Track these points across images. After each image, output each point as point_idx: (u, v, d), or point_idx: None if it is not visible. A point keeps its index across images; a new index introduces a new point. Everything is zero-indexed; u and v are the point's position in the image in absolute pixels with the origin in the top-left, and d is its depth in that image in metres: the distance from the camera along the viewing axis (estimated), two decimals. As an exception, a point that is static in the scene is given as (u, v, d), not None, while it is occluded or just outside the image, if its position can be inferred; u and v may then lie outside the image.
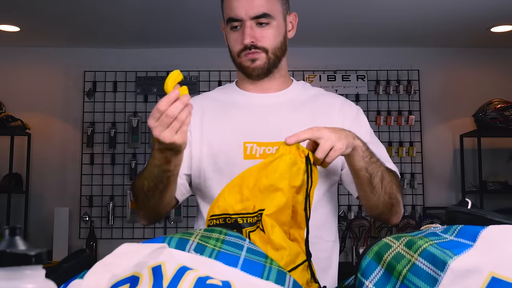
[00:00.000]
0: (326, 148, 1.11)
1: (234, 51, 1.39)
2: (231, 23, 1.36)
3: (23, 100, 4.29)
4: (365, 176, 1.24)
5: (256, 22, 1.34)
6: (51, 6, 3.47)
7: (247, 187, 1.04)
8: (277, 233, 0.99)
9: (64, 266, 0.69)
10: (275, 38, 1.37)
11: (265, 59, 1.37)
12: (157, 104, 1.07)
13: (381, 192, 1.26)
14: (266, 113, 1.40)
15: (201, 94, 1.57)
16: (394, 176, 1.32)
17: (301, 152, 1.07)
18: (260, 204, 1.03)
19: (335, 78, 4.35)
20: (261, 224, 1.00)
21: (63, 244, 3.95)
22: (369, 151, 1.23)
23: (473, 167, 4.27)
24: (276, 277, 0.72)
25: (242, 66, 1.40)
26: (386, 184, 1.27)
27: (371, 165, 1.22)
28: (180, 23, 3.81)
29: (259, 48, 1.35)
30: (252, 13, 1.33)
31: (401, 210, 1.36)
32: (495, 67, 4.44)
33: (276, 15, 1.36)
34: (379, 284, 0.67)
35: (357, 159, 1.20)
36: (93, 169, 4.26)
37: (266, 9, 1.34)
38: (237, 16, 1.34)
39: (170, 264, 0.64)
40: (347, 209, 4.20)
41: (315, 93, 1.50)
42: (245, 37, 1.33)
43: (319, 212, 1.37)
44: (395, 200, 1.31)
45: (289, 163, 1.05)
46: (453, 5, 3.47)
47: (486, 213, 0.72)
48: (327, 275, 1.38)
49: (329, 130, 1.13)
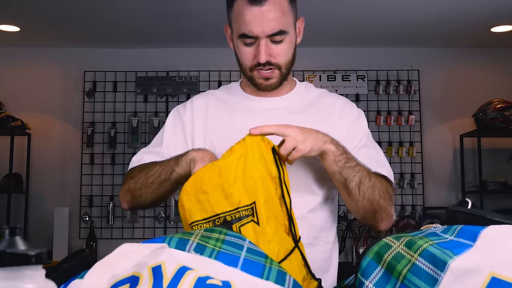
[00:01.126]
0: (289, 147, 1.14)
1: (246, 65, 1.36)
2: (244, 38, 1.32)
3: (23, 100, 4.30)
4: (340, 180, 1.24)
5: (271, 40, 1.31)
6: (51, 6, 3.47)
7: (228, 184, 1.04)
8: (272, 225, 1.00)
9: (64, 266, 0.69)
10: (288, 53, 1.35)
11: (278, 75, 1.36)
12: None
13: (358, 197, 1.25)
14: (269, 116, 1.39)
15: (207, 92, 1.56)
16: (380, 182, 1.29)
17: (266, 144, 1.11)
18: (247, 198, 1.03)
19: (335, 78, 4.35)
20: (256, 217, 1.01)
21: (63, 244, 3.95)
22: (344, 155, 1.22)
23: (473, 167, 4.27)
24: (276, 277, 0.72)
25: (254, 82, 1.38)
26: (365, 189, 1.24)
27: (346, 169, 1.22)
28: (180, 23, 3.81)
29: (273, 64, 1.33)
30: (268, 30, 1.28)
31: (388, 217, 1.30)
32: (495, 67, 4.44)
33: (289, 29, 1.33)
34: (379, 284, 0.67)
35: (329, 163, 1.21)
36: (93, 169, 4.26)
37: (281, 25, 1.30)
38: (252, 33, 1.29)
39: (170, 264, 0.64)
40: (347, 209, 4.19)
41: (317, 95, 1.49)
42: (261, 55, 1.30)
43: (319, 215, 1.37)
44: (377, 207, 1.27)
45: (259, 154, 1.08)
46: (453, 5, 3.47)
47: (486, 213, 0.72)
48: (326, 276, 1.37)
49: (297, 130, 1.15)
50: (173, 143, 1.43)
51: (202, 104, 1.46)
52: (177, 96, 4.32)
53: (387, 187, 1.31)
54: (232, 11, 1.34)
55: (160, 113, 4.26)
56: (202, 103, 1.47)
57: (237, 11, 1.31)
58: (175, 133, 1.45)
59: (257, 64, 1.33)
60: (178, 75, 4.35)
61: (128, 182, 1.36)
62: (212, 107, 1.45)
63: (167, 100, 4.33)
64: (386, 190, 1.29)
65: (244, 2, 1.29)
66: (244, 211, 1.03)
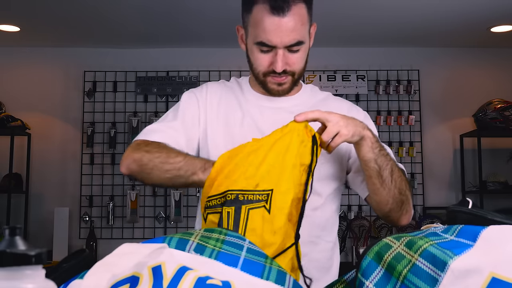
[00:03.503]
0: (332, 131, 1.13)
1: (260, 70, 1.36)
2: (261, 46, 1.31)
3: (23, 100, 4.30)
4: (375, 168, 1.23)
5: (288, 49, 1.31)
6: (51, 6, 3.47)
7: (252, 164, 1.04)
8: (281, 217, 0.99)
9: (64, 266, 0.69)
10: (303, 60, 1.36)
11: (291, 81, 1.37)
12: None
13: (391, 185, 1.25)
14: (275, 116, 1.39)
15: (221, 81, 1.55)
16: (403, 174, 1.31)
17: (308, 131, 1.09)
18: (266, 184, 1.02)
19: (335, 78, 4.35)
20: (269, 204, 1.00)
21: (63, 244, 3.95)
22: (379, 143, 1.23)
23: (473, 167, 4.27)
24: (276, 277, 0.72)
25: (266, 87, 1.39)
26: (396, 178, 1.26)
27: (380, 157, 1.22)
28: (181, 23, 3.81)
29: (288, 72, 1.34)
30: (288, 41, 1.29)
31: (411, 210, 1.34)
32: (495, 67, 4.44)
33: (306, 39, 1.34)
34: (379, 284, 0.67)
35: (366, 150, 1.21)
36: (93, 169, 4.26)
37: (300, 36, 1.30)
38: (271, 43, 1.29)
39: (170, 264, 0.64)
40: (347, 209, 4.20)
41: (323, 97, 1.50)
42: (278, 64, 1.30)
43: (322, 214, 1.37)
44: (405, 197, 1.29)
45: (298, 141, 1.06)
46: (453, 6, 3.47)
47: (487, 213, 0.72)
48: (328, 275, 1.38)
49: (338, 116, 1.15)
50: (189, 119, 1.41)
51: (217, 91, 1.46)
52: (177, 96, 4.32)
53: (407, 179, 1.33)
54: (251, 16, 1.32)
55: (160, 113, 4.26)
56: (217, 89, 1.47)
57: (256, 18, 1.30)
58: (191, 109, 1.42)
59: (272, 71, 1.33)
60: (178, 75, 4.35)
61: (140, 152, 1.28)
62: (224, 100, 1.45)
63: (167, 100, 4.33)
64: (408, 182, 1.32)
65: (265, 10, 1.27)
66: (258, 195, 1.02)
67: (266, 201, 1.01)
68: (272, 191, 1.02)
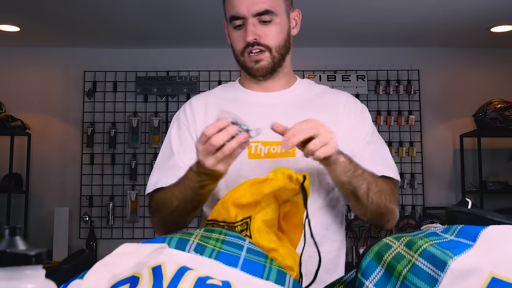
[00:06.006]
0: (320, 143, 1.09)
1: (237, 49, 1.37)
2: (233, 21, 1.34)
3: (23, 100, 4.29)
4: (349, 189, 1.23)
5: (258, 20, 1.32)
6: (51, 6, 3.47)
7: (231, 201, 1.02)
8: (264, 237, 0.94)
9: (64, 267, 0.69)
10: (278, 36, 1.35)
11: (269, 58, 1.35)
12: (205, 128, 1.06)
13: (367, 203, 1.25)
14: (270, 111, 1.37)
15: (204, 92, 1.56)
16: (386, 184, 1.29)
17: (294, 180, 1.00)
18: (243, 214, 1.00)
19: (335, 78, 4.36)
20: (248, 230, 0.97)
21: (63, 244, 3.95)
22: (352, 164, 1.21)
23: (473, 167, 4.27)
24: (276, 277, 0.72)
25: (246, 66, 1.38)
26: (373, 195, 1.24)
27: (354, 178, 1.21)
28: (180, 23, 3.81)
29: (262, 45, 1.33)
30: (254, 10, 1.31)
31: (394, 217, 1.33)
32: (495, 67, 4.43)
33: (278, 12, 1.34)
34: (379, 284, 0.67)
35: (339, 173, 1.19)
36: (93, 169, 4.26)
37: (268, 5, 1.31)
38: (239, 13, 1.32)
39: (170, 264, 0.64)
40: (347, 209, 4.19)
41: (320, 91, 1.48)
42: (247, 34, 1.31)
43: (327, 213, 1.36)
44: (384, 210, 1.28)
45: (275, 188, 0.98)
46: (452, 5, 3.47)
47: (487, 213, 0.72)
48: (333, 275, 1.35)
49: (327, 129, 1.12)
50: (183, 146, 1.40)
51: (201, 103, 1.45)
52: (177, 96, 4.32)
53: (392, 188, 1.32)
54: (225, 1, 1.38)
55: (160, 113, 4.26)
56: (201, 101, 1.46)
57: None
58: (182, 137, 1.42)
59: (246, 45, 1.33)
60: (178, 75, 4.35)
61: (154, 215, 1.34)
62: (212, 105, 1.44)
63: (167, 100, 4.33)
64: (391, 191, 1.30)
65: None
66: (239, 226, 1.00)
67: (245, 230, 0.98)
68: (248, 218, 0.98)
